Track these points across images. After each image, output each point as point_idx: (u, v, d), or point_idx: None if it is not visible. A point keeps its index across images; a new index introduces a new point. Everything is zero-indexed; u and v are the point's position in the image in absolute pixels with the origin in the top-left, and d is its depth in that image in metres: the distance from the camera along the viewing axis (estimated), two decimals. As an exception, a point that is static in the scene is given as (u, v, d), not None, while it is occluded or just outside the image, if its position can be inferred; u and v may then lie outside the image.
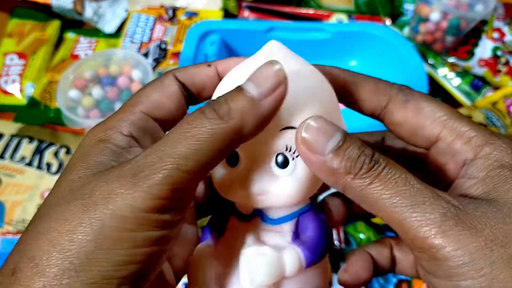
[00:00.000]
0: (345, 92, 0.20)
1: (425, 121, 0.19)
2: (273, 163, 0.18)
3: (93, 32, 0.65)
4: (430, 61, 0.60)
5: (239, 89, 0.16)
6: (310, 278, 0.19)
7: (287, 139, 0.17)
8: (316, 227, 0.19)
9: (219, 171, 0.19)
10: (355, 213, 0.24)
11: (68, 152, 0.52)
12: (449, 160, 0.19)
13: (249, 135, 0.16)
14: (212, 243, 0.20)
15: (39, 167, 0.50)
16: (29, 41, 0.61)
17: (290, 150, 0.18)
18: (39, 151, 0.52)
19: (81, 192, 0.16)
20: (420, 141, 0.19)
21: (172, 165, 0.15)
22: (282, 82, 0.16)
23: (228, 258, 0.19)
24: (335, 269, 0.47)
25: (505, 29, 0.64)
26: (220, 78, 0.21)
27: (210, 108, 0.16)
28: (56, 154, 0.52)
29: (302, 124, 0.16)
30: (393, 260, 0.23)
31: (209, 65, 0.21)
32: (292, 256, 0.18)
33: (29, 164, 0.50)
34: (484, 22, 0.64)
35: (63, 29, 0.65)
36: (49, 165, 0.51)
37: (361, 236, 0.45)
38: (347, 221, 0.24)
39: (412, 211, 0.15)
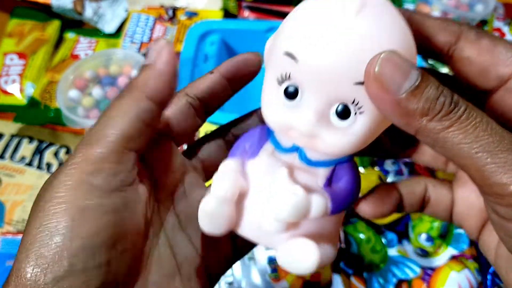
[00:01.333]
0: (412, 27, 0.19)
1: (498, 58, 0.18)
2: (333, 110, 0.17)
3: (93, 32, 0.65)
4: (430, 61, 0.60)
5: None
6: (327, 222, 0.19)
7: (358, 94, 0.16)
8: (349, 179, 0.18)
9: (272, 97, 0.18)
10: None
11: (68, 152, 0.52)
12: None
13: (157, 93, 0.18)
14: (241, 162, 0.19)
15: (39, 167, 0.50)
16: (29, 41, 0.61)
17: (356, 105, 0.16)
18: (39, 151, 0.52)
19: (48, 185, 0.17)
20: (490, 79, 0.18)
21: (103, 133, 0.17)
22: (164, 46, 0.19)
23: (256, 182, 0.18)
24: (336, 269, 0.47)
25: (505, 29, 0.64)
26: (225, 79, 0.23)
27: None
28: (56, 154, 0.52)
29: (374, 59, 0.15)
30: (424, 201, 0.22)
31: (212, 72, 0.22)
32: (320, 202, 0.17)
33: (29, 164, 0.50)
34: (484, 22, 0.64)
35: (63, 29, 0.65)
36: (49, 165, 0.51)
37: (361, 236, 0.45)
38: None
39: (495, 157, 0.15)
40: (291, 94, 0.17)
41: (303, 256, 0.17)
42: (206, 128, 0.47)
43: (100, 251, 0.17)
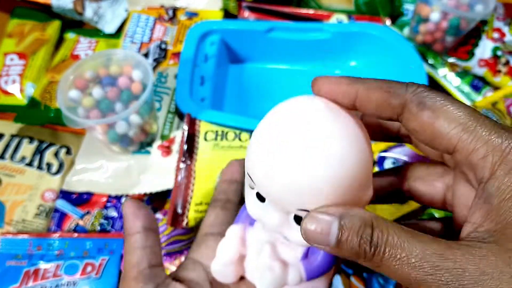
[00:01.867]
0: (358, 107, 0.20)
1: (440, 130, 0.17)
2: (291, 217, 0.20)
3: (93, 32, 0.65)
4: (430, 61, 0.60)
5: None
6: (310, 283, 0.23)
7: (306, 213, 0.19)
8: (323, 253, 0.21)
9: (249, 196, 0.21)
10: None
11: (68, 152, 0.52)
12: (469, 173, 0.18)
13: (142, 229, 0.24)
14: (243, 227, 0.24)
15: (39, 167, 0.50)
16: (29, 41, 0.61)
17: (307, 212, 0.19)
18: (39, 151, 0.52)
19: None
20: (440, 149, 0.18)
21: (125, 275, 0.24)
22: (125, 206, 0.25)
23: (250, 250, 0.23)
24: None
25: (505, 29, 0.64)
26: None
27: None
28: (56, 154, 0.52)
29: (301, 224, 0.18)
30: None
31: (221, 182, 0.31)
32: (295, 274, 0.21)
33: (29, 164, 0.50)
34: (484, 22, 0.64)
35: (63, 29, 0.65)
36: (49, 165, 0.51)
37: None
38: None
39: (419, 285, 0.16)
40: (259, 199, 0.21)
41: None
42: (207, 127, 0.47)
43: None
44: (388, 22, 0.64)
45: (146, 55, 0.59)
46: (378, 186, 0.23)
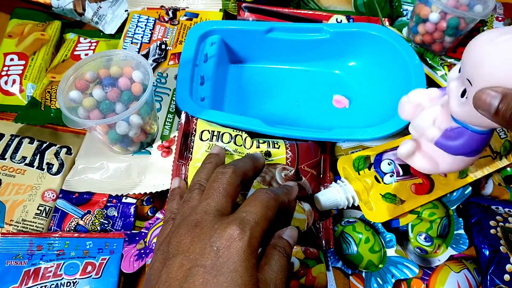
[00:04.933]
0: None
1: None
2: (461, 90, 0.28)
3: (94, 32, 0.65)
4: (429, 61, 0.60)
5: None
6: (441, 154, 0.32)
7: (473, 89, 0.27)
8: (459, 139, 0.29)
9: (454, 69, 0.29)
10: None
11: (68, 152, 0.52)
12: None
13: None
14: (439, 95, 0.32)
15: (39, 167, 0.51)
16: (29, 42, 0.61)
17: None
18: (39, 151, 0.52)
19: None
20: None
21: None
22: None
23: (428, 105, 0.33)
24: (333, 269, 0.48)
25: (504, 29, 0.64)
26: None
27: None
28: (56, 154, 0.52)
29: (475, 93, 0.25)
30: None
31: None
32: (434, 132, 0.31)
33: (29, 164, 0.51)
34: (483, 22, 0.64)
35: (63, 30, 0.65)
36: (49, 165, 0.51)
37: (360, 236, 0.45)
38: None
39: None
40: (459, 71, 0.28)
41: (403, 144, 0.33)
42: (203, 127, 0.47)
43: None
44: (387, 22, 0.64)
45: (146, 56, 0.59)
46: None
